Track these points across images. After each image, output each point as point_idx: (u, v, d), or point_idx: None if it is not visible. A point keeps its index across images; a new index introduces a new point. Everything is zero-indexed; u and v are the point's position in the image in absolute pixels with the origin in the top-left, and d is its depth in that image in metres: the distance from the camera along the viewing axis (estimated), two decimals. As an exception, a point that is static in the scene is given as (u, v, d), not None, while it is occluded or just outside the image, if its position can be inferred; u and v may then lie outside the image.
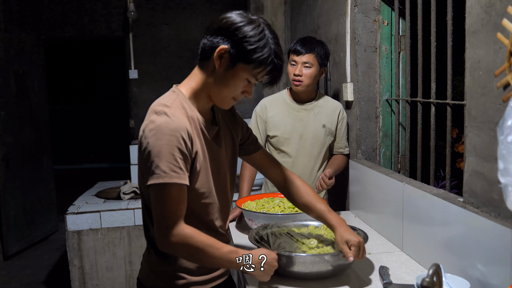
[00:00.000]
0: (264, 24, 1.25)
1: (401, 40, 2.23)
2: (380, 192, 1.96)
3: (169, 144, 1.17)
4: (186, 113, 1.25)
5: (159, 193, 1.19)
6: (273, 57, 1.23)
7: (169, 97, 1.27)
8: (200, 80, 1.30)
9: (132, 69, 5.45)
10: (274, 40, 1.24)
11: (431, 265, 0.97)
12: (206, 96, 1.31)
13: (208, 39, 1.25)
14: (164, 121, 1.18)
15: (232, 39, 1.21)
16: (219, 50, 1.22)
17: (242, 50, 1.21)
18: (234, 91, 1.28)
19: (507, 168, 0.96)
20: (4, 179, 4.31)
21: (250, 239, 1.57)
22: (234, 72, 1.24)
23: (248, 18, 1.24)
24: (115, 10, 5.42)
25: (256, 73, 1.24)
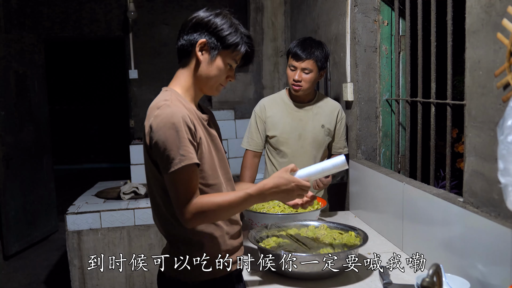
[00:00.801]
0: (229, 13, 1.42)
1: (401, 40, 2.23)
2: (380, 192, 1.95)
3: (178, 130, 1.25)
4: (184, 106, 1.33)
5: (174, 178, 1.25)
6: (245, 39, 1.39)
7: (164, 96, 1.36)
8: (186, 76, 1.41)
9: (132, 69, 5.45)
10: (241, 25, 1.42)
11: (431, 265, 0.97)
12: (194, 90, 1.42)
13: (184, 38, 1.39)
14: (169, 111, 1.27)
15: (208, 31, 1.36)
16: (199, 44, 1.36)
17: (219, 38, 1.36)
18: (220, 78, 1.40)
19: (507, 168, 0.96)
20: (4, 179, 4.31)
21: (250, 239, 1.57)
22: (217, 59, 1.37)
23: (214, 12, 1.40)
24: (115, 10, 5.42)
25: (234, 56, 1.39)
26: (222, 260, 1.38)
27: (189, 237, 1.36)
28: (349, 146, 2.41)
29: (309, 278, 1.45)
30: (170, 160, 1.24)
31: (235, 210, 1.34)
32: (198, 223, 1.30)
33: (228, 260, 1.39)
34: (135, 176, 3.65)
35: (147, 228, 3.00)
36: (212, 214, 1.29)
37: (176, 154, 1.24)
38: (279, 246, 1.59)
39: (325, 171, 1.37)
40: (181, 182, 1.26)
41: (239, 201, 1.30)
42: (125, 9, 5.31)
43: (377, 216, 2.00)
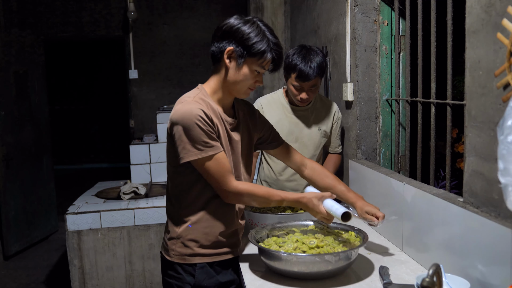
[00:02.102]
0: (258, 20, 1.49)
1: (401, 40, 2.23)
2: (380, 192, 1.95)
3: (196, 123, 1.41)
4: (207, 104, 1.48)
5: (202, 165, 1.45)
6: (272, 46, 1.47)
7: (193, 92, 1.53)
8: (216, 80, 1.54)
9: (132, 69, 5.45)
10: (270, 32, 1.48)
11: (431, 265, 0.97)
12: (224, 92, 1.54)
13: (215, 45, 1.50)
14: (188, 108, 1.43)
15: (235, 39, 1.46)
16: (227, 52, 1.47)
17: (246, 46, 1.45)
18: (247, 83, 1.51)
19: (507, 168, 0.96)
20: (4, 179, 4.31)
21: (250, 239, 1.57)
22: (244, 66, 1.48)
23: (243, 19, 1.48)
24: (115, 10, 5.42)
25: (261, 63, 1.47)
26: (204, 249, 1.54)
27: (178, 217, 1.56)
28: (349, 146, 2.41)
29: (309, 278, 1.45)
30: (189, 150, 1.43)
31: (266, 205, 1.58)
32: (237, 202, 1.54)
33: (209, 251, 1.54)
34: (135, 176, 3.65)
35: (147, 228, 3.00)
36: (247, 200, 1.52)
37: (193, 147, 1.42)
38: (279, 246, 1.59)
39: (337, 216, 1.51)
40: (207, 170, 1.45)
41: (274, 200, 1.52)
42: (125, 9, 5.32)
43: (377, 216, 2.00)
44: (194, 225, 1.54)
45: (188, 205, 1.54)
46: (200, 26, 5.57)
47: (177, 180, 1.55)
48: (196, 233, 1.53)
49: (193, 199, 1.54)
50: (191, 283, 1.53)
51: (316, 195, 1.53)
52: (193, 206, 1.54)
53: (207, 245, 1.54)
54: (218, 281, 1.55)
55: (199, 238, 1.53)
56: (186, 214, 1.54)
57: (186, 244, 1.54)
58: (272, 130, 1.77)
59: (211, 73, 1.56)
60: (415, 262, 1.63)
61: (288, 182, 2.33)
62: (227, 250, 1.58)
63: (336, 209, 1.50)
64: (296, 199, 1.54)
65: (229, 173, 1.49)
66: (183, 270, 1.54)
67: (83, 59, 9.42)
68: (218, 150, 1.46)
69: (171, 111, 1.48)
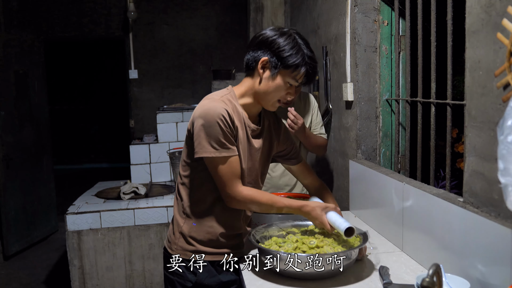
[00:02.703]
0: (294, 33, 1.50)
1: (401, 40, 2.23)
2: (380, 192, 1.95)
3: (217, 122, 1.42)
4: (232, 106, 1.50)
5: (214, 164, 1.46)
6: (307, 60, 1.47)
7: (222, 91, 1.55)
8: (247, 86, 1.55)
9: (132, 69, 5.45)
10: (306, 45, 1.49)
11: (431, 265, 0.97)
12: (252, 99, 1.55)
13: (250, 54, 1.52)
14: (212, 106, 1.44)
15: (270, 50, 1.47)
16: (261, 62, 1.48)
17: (280, 58, 1.46)
18: (278, 95, 1.52)
19: (507, 168, 0.96)
20: (4, 179, 4.31)
21: (250, 239, 1.57)
22: (276, 77, 1.48)
23: (280, 31, 1.49)
24: (115, 10, 5.42)
25: (294, 75, 1.48)
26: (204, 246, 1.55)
27: (184, 212, 1.57)
28: (349, 146, 2.41)
29: (309, 278, 1.45)
30: (204, 147, 1.44)
31: (269, 212, 1.57)
32: (241, 207, 1.54)
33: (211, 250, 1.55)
34: (135, 176, 3.65)
35: (147, 228, 3.00)
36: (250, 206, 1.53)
37: (208, 144, 1.43)
38: (279, 246, 1.59)
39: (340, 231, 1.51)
40: (216, 170, 1.46)
41: (277, 207, 1.53)
42: (125, 9, 5.32)
43: (377, 216, 2.00)
44: (198, 223, 1.55)
45: (197, 201, 1.56)
46: (200, 26, 5.57)
47: (189, 175, 1.56)
48: (199, 231, 1.55)
49: (202, 197, 1.55)
50: (192, 280, 1.54)
51: (320, 205, 1.54)
52: (201, 203, 1.56)
53: (210, 244, 1.56)
54: (220, 280, 1.56)
55: (202, 237, 1.55)
56: (193, 211, 1.56)
57: (190, 241, 1.55)
58: (294, 146, 1.77)
59: (244, 78, 1.58)
60: (415, 262, 1.63)
61: (281, 178, 2.37)
62: (229, 251, 1.59)
63: (340, 223, 1.50)
64: (299, 207, 1.54)
65: (237, 178, 1.49)
66: (185, 267, 1.54)
67: (83, 59, 9.42)
68: (233, 154, 1.47)
69: (197, 106, 1.50)
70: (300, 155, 1.81)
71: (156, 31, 5.51)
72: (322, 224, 1.54)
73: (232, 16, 5.61)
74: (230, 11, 5.61)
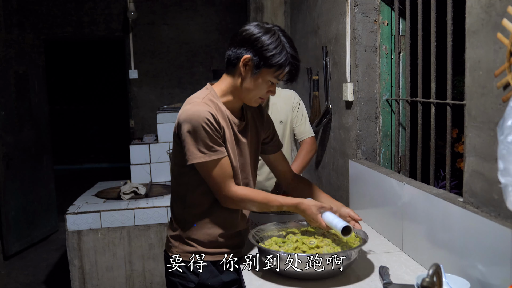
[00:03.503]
0: (279, 31, 1.46)
1: (401, 40, 2.23)
2: (380, 192, 1.95)
3: (203, 126, 1.41)
4: (215, 106, 1.48)
5: (204, 169, 1.46)
6: (290, 59, 1.44)
7: (202, 92, 1.53)
8: (228, 83, 1.53)
9: (132, 69, 5.45)
10: (289, 43, 1.46)
11: (431, 265, 0.97)
12: (234, 96, 1.54)
13: (232, 50, 1.48)
14: (196, 109, 1.43)
15: (253, 48, 1.43)
16: (243, 59, 1.45)
17: (263, 57, 1.43)
18: (260, 92, 1.50)
19: (507, 168, 0.96)
20: (4, 179, 4.31)
21: (250, 239, 1.57)
22: (259, 76, 1.46)
23: (264, 28, 1.45)
24: (115, 10, 5.42)
25: (277, 74, 1.46)
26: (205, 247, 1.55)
27: (182, 217, 1.57)
28: (349, 146, 2.41)
29: (309, 278, 1.45)
30: (193, 152, 1.44)
31: (265, 210, 1.58)
32: (236, 206, 1.54)
33: (212, 250, 1.56)
34: (135, 176, 3.65)
35: (147, 228, 3.00)
36: (246, 205, 1.54)
37: (197, 149, 1.43)
38: (279, 246, 1.59)
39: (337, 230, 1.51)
40: (209, 173, 1.47)
41: (272, 205, 1.53)
42: (125, 9, 5.32)
43: (377, 216, 2.00)
44: (198, 225, 1.55)
45: (193, 205, 1.56)
46: (200, 26, 5.57)
47: (182, 180, 1.56)
48: (199, 233, 1.55)
49: (198, 200, 1.55)
50: (195, 281, 1.53)
51: (315, 204, 1.54)
52: (198, 206, 1.55)
53: (210, 245, 1.56)
54: (222, 280, 1.56)
55: (202, 238, 1.55)
56: (191, 214, 1.56)
57: (190, 243, 1.55)
58: (275, 133, 1.77)
59: (224, 74, 1.56)
60: (415, 262, 1.63)
61: (267, 181, 2.38)
62: (230, 250, 1.60)
63: (336, 222, 1.50)
64: (295, 204, 1.54)
65: (230, 179, 1.49)
66: (187, 269, 1.54)
67: (83, 59, 9.42)
68: (222, 155, 1.46)
69: (180, 111, 1.48)
70: (281, 143, 1.79)
71: (156, 31, 5.51)
72: (318, 223, 1.53)
73: (232, 16, 5.61)
74: (230, 11, 5.61)
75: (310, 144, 2.36)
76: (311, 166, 3.27)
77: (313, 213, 1.52)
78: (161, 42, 5.54)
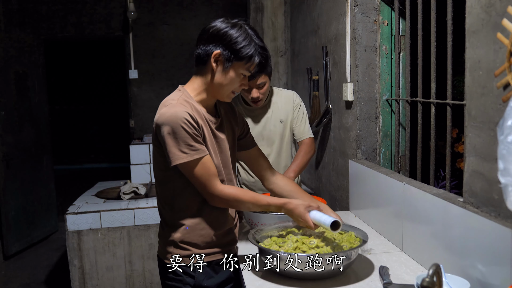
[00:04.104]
0: (245, 24, 1.49)
1: (401, 40, 2.23)
2: (380, 192, 1.95)
3: (182, 126, 1.40)
4: (191, 106, 1.48)
5: (188, 169, 1.45)
6: (259, 50, 1.47)
7: (175, 94, 1.53)
8: (200, 82, 1.54)
9: (132, 69, 5.45)
10: (256, 35, 1.49)
11: (431, 265, 0.97)
12: (207, 94, 1.54)
13: (201, 48, 1.49)
14: (173, 111, 1.42)
15: (222, 43, 1.45)
16: (214, 55, 1.46)
17: (233, 50, 1.45)
18: (232, 86, 1.51)
19: (507, 168, 0.96)
20: (4, 179, 4.31)
21: (250, 239, 1.57)
22: (230, 70, 1.48)
23: (231, 23, 1.48)
24: (115, 10, 5.42)
25: (248, 66, 1.48)
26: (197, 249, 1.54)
27: (172, 221, 1.56)
28: (349, 146, 2.41)
29: (309, 278, 1.45)
30: (174, 154, 1.42)
31: (253, 210, 1.60)
32: (223, 205, 1.54)
33: (206, 251, 1.55)
34: (135, 176, 3.65)
35: (147, 228, 3.00)
36: (236, 205, 1.55)
37: (178, 151, 1.42)
38: (279, 246, 1.59)
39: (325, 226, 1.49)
40: (193, 173, 1.46)
41: (260, 205, 1.53)
42: (125, 9, 5.32)
43: (377, 216, 2.00)
44: (190, 228, 1.54)
45: (182, 208, 1.54)
46: (200, 26, 5.53)
47: (167, 185, 1.54)
48: (192, 235, 1.54)
49: (186, 203, 1.54)
50: (191, 284, 1.53)
51: (303, 203, 1.53)
52: (187, 209, 1.54)
53: (204, 246, 1.55)
54: (217, 280, 1.56)
55: (195, 241, 1.54)
56: (181, 218, 1.54)
57: (184, 247, 1.54)
58: (248, 128, 1.78)
59: (193, 76, 1.56)
60: (415, 262, 1.63)
61: None
62: (224, 249, 1.59)
63: (324, 219, 1.49)
64: (282, 204, 1.53)
65: (215, 177, 1.49)
66: (183, 272, 1.54)
67: (83, 59, 9.42)
68: (204, 154, 1.46)
69: (156, 115, 1.47)
70: (253, 139, 1.79)
71: (156, 31, 5.51)
72: (305, 222, 1.52)
73: (232, 16, 5.58)
74: (230, 11, 5.61)
75: (308, 145, 2.36)
76: (311, 166, 3.27)
77: (301, 212, 1.52)
78: (161, 42, 5.54)
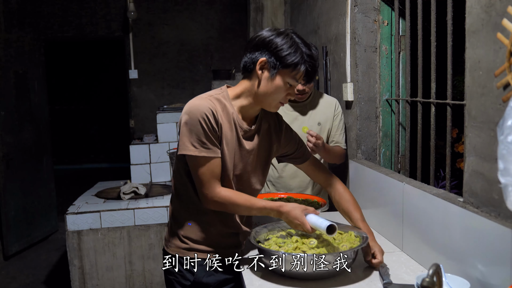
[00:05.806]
0: (291, 33, 1.47)
1: (401, 40, 2.23)
2: (380, 192, 1.95)
3: (199, 121, 1.41)
4: (222, 106, 1.48)
5: (193, 163, 1.46)
6: (306, 58, 1.44)
7: (213, 91, 1.54)
8: (244, 87, 1.52)
9: (132, 69, 5.45)
10: (304, 43, 1.46)
11: (431, 265, 0.97)
12: (248, 101, 1.52)
13: (248, 56, 1.49)
14: (198, 103, 1.44)
15: (268, 50, 1.44)
16: (260, 62, 1.45)
17: (279, 57, 1.43)
18: (279, 96, 1.49)
19: (507, 168, 0.96)
20: (4, 179, 4.31)
21: (250, 239, 1.57)
22: (276, 78, 1.45)
23: (276, 31, 1.47)
24: (115, 10, 5.42)
25: (294, 75, 1.45)
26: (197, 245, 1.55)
27: (178, 214, 1.58)
28: (349, 146, 2.41)
29: (309, 278, 1.45)
30: (186, 144, 1.43)
31: (249, 213, 1.54)
32: (217, 208, 1.50)
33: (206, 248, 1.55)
34: (135, 176, 3.65)
35: (147, 228, 3.00)
36: (231, 208, 1.50)
37: (189, 142, 1.43)
38: (279, 247, 1.58)
39: (321, 230, 1.46)
40: (196, 168, 1.45)
41: (255, 208, 1.50)
42: (125, 9, 5.32)
43: (377, 216, 2.00)
44: (193, 223, 1.55)
45: (188, 202, 1.56)
46: (200, 26, 5.57)
47: (182, 176, 1.56)
48: (194, 230, 1.55)
49: (194, 198, 1.54)
50: (190, 279, 1.54)
51: (299, 206, 1.50)
52: (193, 204, 1.55)
53: (205, 243, 1.56)
54: (217, 278, 1.56)
55: (195, 236, 1.55)
56: (186, 211, 1.56)
57: (184, 240, 1.56)
58: (298, 146, 1.72)
59: (241, 80, 1.55)
60: (415, 262, 1.63)
61: (292, 179, 2.33)
62: (225, 250, 1.59)
63: (321, 222, 1.46)
64: (277, 208, 1.50)
65: (216, 180, 1.47)
66: (182, 266, 1.55)
67: (83, 59, 9.42)
68: (213, 155, 1.44)
69: None
70: (308, 153, 1.75)
71: (156, 31, 5.51)
72: (302, 225, 1.48)
73: (232, 16, 5.61)
74: (230, 11, 5.61)
75: (340, 149, 2.32)
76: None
77: (298, 215, 1.48)
78: (161, 42, 5.53)
